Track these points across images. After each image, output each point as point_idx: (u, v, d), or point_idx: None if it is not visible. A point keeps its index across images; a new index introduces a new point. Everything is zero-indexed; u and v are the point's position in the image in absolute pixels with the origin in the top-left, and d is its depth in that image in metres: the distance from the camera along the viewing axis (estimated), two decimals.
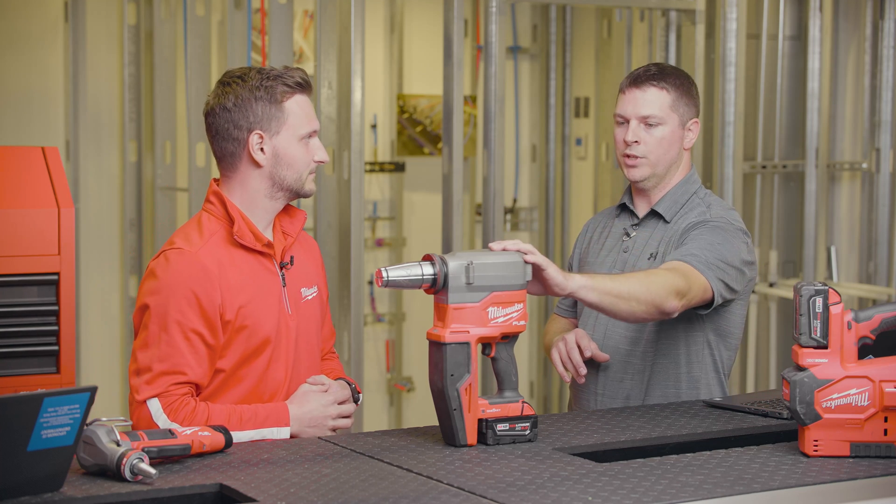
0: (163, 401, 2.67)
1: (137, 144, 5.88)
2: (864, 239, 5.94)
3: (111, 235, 5.95)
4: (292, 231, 2.88)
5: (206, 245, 2.73)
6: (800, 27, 5.88)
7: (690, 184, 3.16)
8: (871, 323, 2.49)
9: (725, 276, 2.94)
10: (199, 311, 2.69)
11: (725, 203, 3.20)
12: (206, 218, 2.79)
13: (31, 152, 3.46)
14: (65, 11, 5.71)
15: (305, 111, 2.80)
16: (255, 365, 2.77)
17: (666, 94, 3.09)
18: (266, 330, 2.76)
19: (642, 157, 3.09)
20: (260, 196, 2.80)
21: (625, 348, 3.11)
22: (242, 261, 2.77)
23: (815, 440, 2.46)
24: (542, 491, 2.23)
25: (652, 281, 2.80)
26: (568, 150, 6.54)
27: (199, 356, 2.70)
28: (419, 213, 6.62)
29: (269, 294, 2.79)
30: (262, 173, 2.78)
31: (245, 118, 2.76)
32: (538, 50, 6.69)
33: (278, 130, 2.76)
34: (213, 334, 2.71)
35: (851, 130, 6.08)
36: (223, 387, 2.76)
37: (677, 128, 3.11)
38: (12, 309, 3.31)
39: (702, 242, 2.97)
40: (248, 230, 2.76)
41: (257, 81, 2.76)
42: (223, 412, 2.69)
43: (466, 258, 2.55)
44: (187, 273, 2.69)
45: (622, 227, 3.21)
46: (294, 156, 2.78)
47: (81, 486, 2.24)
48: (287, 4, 5.06)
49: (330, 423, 2.79)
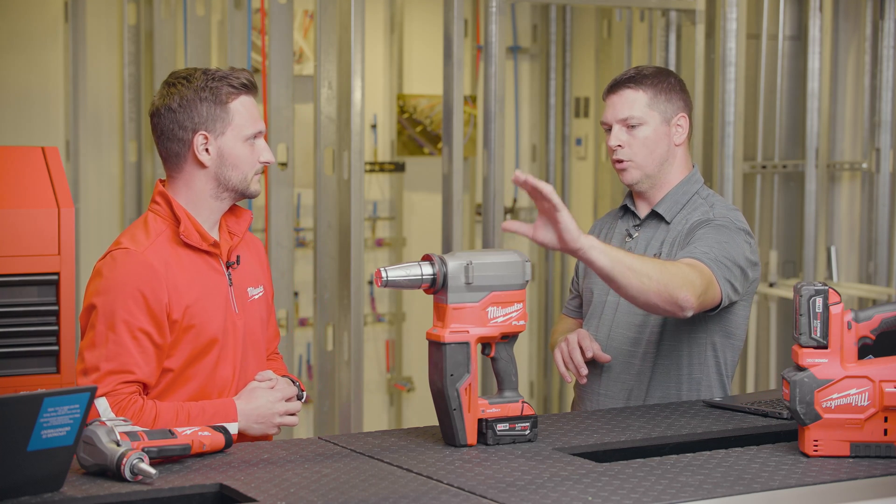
0: (110, 399, 2.67)
1: (137, 144, 5.88)
2: (864, 239, 5.94)
3: (111, 235, 5.94)
4: (238, 231, 2.88)
5: (152, 245, 2.74)
6: (800, 27, 5.88)
7: (692, 183, 3.16)
8: (871, 323, 2.49)
9: (732, 276, 2.93)
10: (147, 310, 2.69)
11: (728, 202, 3.20)
12: (151, 218, 2.80)
13: (31, 152, 3.46)
14: (65, 11, 5.71)
15: (251, 112, 2.81)
16: (202, 364, 2.77)
17: (642, 93, 3.10)
18: (213, 329, 2.77)
19: (628, 161, 3.10)
20: (205, 196, 2.81)
21: (627, 349, 3.11)
22: (189, 260, 2.77)
23: (815, 440, 2.46)
24: (542, 491, 2.23)
25: (667, 268, 2.76)
26: (568, 150, 6.54)
27: (146, 355, 2.70)
28: (419, 213, 6.62)
29: (216, 293, 2.80)
30: (207, 174, 2.79)
31: (190, 119, 2.77)
32: (538, 50, 6.69)
33: (223, 131, 2.78)
34: (161, 333, 2.71)
35: (851, 130, 6.08)
36: (172, 386, 2.76)
37: (660, 125, 3.11)
38: (12, 309, 3.31)
39: (710, 241, 2.95)
40: (194, 230, 2.77)
41: (202, 82, 2.77)
42: (171, 410, 2.70)
43: (466, 258, 2.55)
44: (134, 272, 2.70)
45: (624, 228, 3.21)
46: (238, 156, 2.79)
47: (81, 486, 2.24)
48: (287, 4, 5.06)
49: (277, 420, 2.80)
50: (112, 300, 2.70)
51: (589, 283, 3.24)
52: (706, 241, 2.95)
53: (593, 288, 3.21)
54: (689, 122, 3.15)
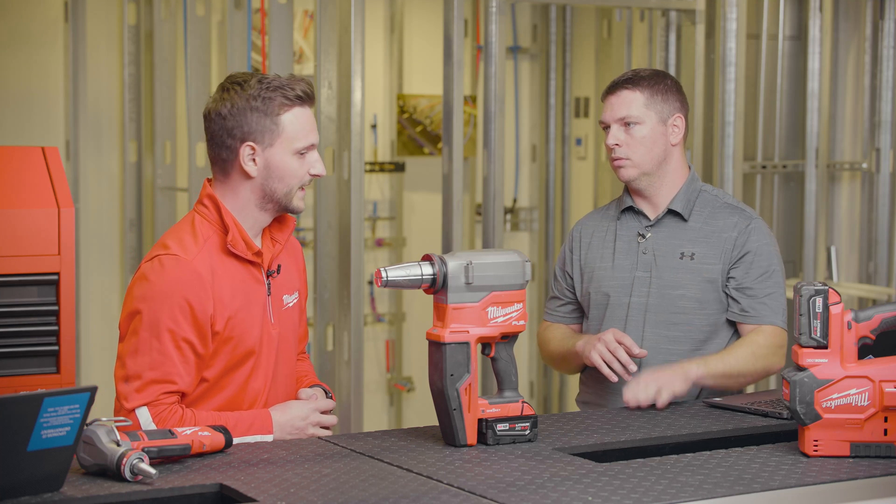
0: (152, 410, 2.63)
1: (137, 144, 5.88)
2: (864, 239, 5.94)
3: (111, 235, 5.95)
4: (281, 238, 2.83)
5: (200, 252, 2.68)
6: (800, 27, 5.88)
7: (696, 182, 3.26)
8: (871, 323, 2.50)
9: (785, 305, 3.22)
10: (192, 319, 2.65)
11: (731, 195, 3.32)
12: (199, 221, 2.74)
13: (31, 152, 3.46)
14: (65, 11, 5.71)
15: (304, 125, 2.73)
16: (237, 375, 2.74)
17: (639, 93, 3.18)
18: (251, 341, 2.74)
19: (626, 159, 3.18)
20: (250, 205, 2.75)
21: (665, 347, 3.16)
22: (234, 270, 2.73)
23: (815, 440, 2.46)
24: (542, 491, 2.23)
25: (754, 355, 3.12)
26: (568, 150, 6.54)
27: (188, 365, 2.66)
28: (419, 213, 6.62)
29: (255, 304, 2.75)
30: (252, 184, 2.73)
31: (239, 128, 2.70)
32: (538, 50, 6.69)
33: (272, 143, 2.70)
34: (204, 343, 2.67)
35: (851, 130, 6.07)
36: (205, 395, 2.74)
37: (657, 125, 3.18)
38: (12, 309, 3.30)
39: (765, 286, 3.17)
40: (241, 240, 2.72)
41: (255, 91, 2.69)
42: (209, 419, 2.67)
43: (466, 258, 2.55)
44: (182, 281, 2.64)
45: (632, 229, 3.24)
46: (286, 169, 2.72)
47: (81, 486, 2.24)
48: (287, 4, 5.06)
49: (310, 431, 2.76)
50: (158, 308, 2.64)
51: (598, 286, 3.24)
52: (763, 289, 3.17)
53: (609, 291, 3.22)
54: (686, 122, 3.20)
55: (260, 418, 2.72)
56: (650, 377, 2.98)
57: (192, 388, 2.69)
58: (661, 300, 3.16)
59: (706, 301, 3.15)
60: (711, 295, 3.15)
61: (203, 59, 5.56)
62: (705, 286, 3.15)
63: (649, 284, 3.17)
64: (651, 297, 3.16)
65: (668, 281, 3.16)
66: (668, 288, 3.16)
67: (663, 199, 3.22)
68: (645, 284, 3.17)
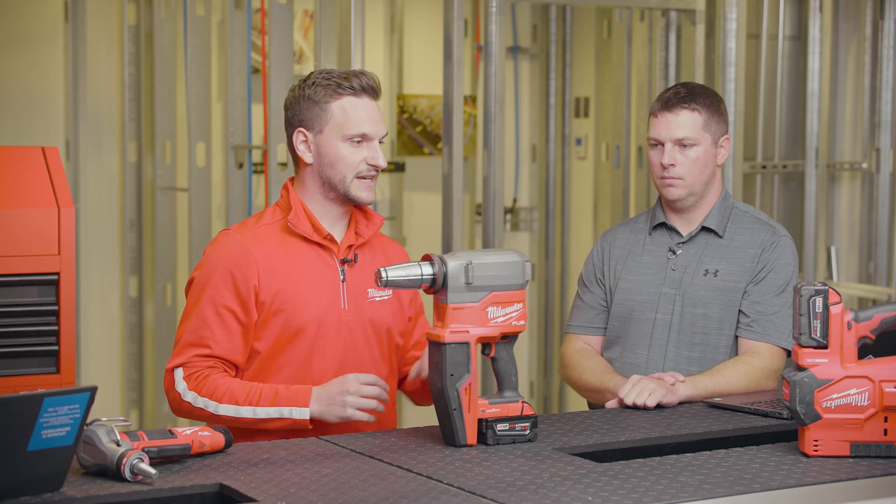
0: (185, 370, 2.79)
1: (137, 144, 5.88)
2: (864, 239, 5.93)
3: (111, 235, 5.95)
4: (366, 233, 2.94)
5: (254, 229, 2.86)
6: (800, 27, 5.88)
7: (729, 199, 3.27)
8: (871, 323, 2.49)
9: (791, 324, 3.11)
10: (234, 289, 2.80)
11: (758, 211, 3.33)
12: (271, 209, 2.94)
13: (31, 152, 3.45)
14: (65, 11, 5.71)
15: (357, 114, 2.85)
16: (293, 353, 2.83)
17: (698, 115, 3.18)
18: (304, 318, 2.83)
19: (679, 179, 3.18)
20: (316, 193, 2.90)
21: (685, 368, 3.16)
22: (296, 249, 2.86)
23: (815, 440, 2.46)
24: (542, 491, 2.23)
25: (747, 377, 3.07)
26: (568, 150, 6.54)
27: (229, 332, 2.80)
28: (419, 213, 6.62)
29: (320, 286, 2.86)
30: (312, 171, 2.89)
31: (295, 116, 2.89)
32: (538, 50, 6.69)
33: (321, 129, 2.86)
34: (246, 312, 2.81)
35: (851, 130, 6.07)
36: (263, 371, 2.84)
37: (710, 146, 3.20)
38: (12, 309, 3.30)
39: (781, 303, 3.13)
40: (306, 220, 2.86)
41: (311, 81, 2.87)
42: (243, 387, 2.77)
43: (466, 258, 2.56)
44: (228, 253, 2.83)
45: (663, 245, 3.25)
46: (336, 155, 2.85)
47: (81, 486, 2.24)
48: (287, 4, 5.06)
49: (348, 399, 2.72)
50: (205, 276, 2.84)
51: (622, 298, 3.24)
52: (773, 305, 3.13)
53: (633, 306, 3.22)
54: (731, 143, 3.28)
55: (299, 392, 2.76)
56: (646, 382, 2.96)
57: (236, 355, 2.82)
58: (684, 318, 3.16)
59: (725, 320, 3.15)
60: (732, 314, 3.15)
61: (203, 59, 5.56)
62: (727, 304, 3.15)
63: (674, 302, 3.17)
64: (674, 315, 3.16)
65: (691, 298, 3.16)
66: (690, 305, 3.16)
67: (699, 216, 3.24)
68: (670, 301, 3.17)
